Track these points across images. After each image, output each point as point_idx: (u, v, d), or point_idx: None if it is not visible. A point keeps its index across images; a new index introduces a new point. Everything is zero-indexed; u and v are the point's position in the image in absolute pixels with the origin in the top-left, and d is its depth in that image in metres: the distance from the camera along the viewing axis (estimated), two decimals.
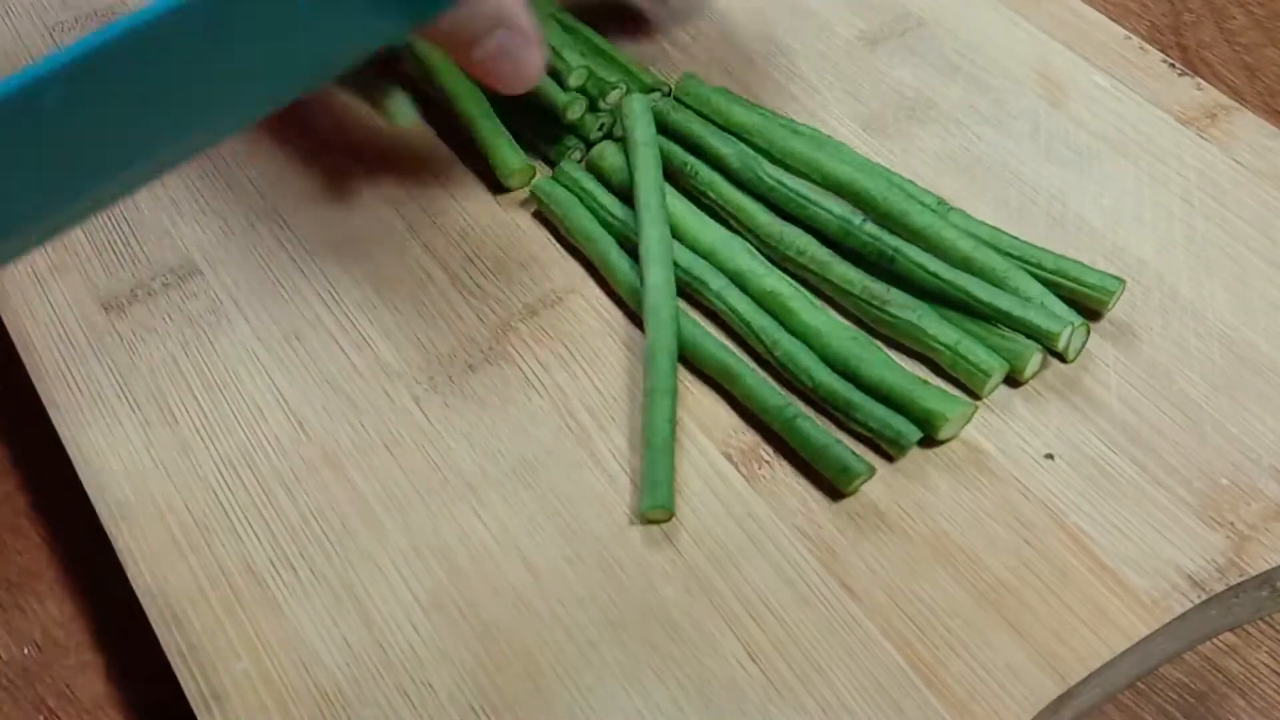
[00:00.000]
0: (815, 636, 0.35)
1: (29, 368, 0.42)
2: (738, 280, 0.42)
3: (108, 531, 0.38)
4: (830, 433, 0.38)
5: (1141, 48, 0.51)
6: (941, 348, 0.40)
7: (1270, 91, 0.53)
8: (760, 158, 0.45)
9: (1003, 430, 0.39)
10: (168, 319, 0.43)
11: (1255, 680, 0.37)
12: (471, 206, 0.46)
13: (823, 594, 0.36)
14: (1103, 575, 0.36)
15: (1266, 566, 0.36)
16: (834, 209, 0.43)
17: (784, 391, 0.40)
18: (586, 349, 0.42)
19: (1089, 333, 0.41)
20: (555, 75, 0.46)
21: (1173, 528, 0.37)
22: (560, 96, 0.46)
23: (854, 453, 0.38)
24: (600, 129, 0.47)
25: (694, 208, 0.44)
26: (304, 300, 0.43)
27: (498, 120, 0.46)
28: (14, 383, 0.42)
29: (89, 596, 0.39)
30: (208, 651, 0.35)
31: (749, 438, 0.39)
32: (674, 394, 0.39)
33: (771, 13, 0.53)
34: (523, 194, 0.46)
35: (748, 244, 0.43)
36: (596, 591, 0.36)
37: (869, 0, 0.53)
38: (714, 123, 0.46)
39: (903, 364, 0.40)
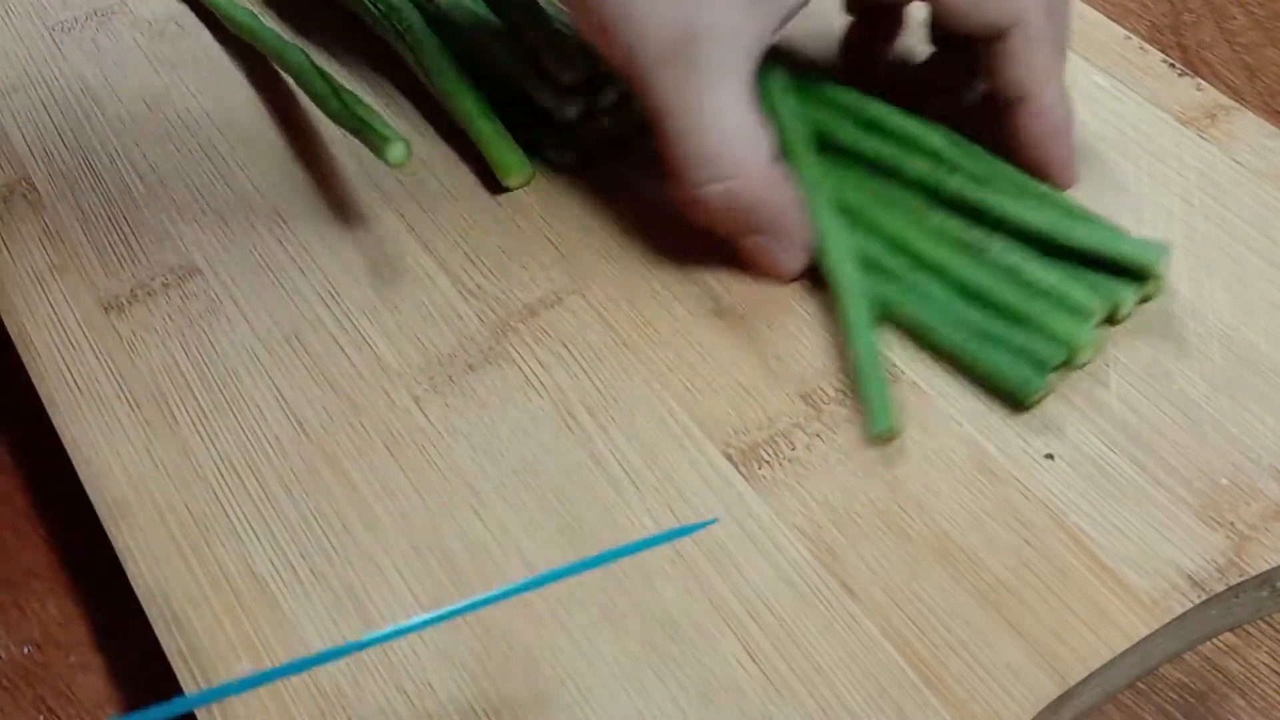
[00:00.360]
0: (815, 636, 0.35)
1: (29, 368, 0.42)
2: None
3: (108, 531, 0.38)
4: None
5: (1141, 48, 0.51)
6: (1045, 289, 0.41)
7: (1270, 91, 0.53)
8: (846, 121, 0.45)
9: (1003, 430, 0.39)
10: (168, 319, 0.43)
11: (1255, 680, 0.37)
12: (472, 206, 0.46)
13: (823, 594, 0.36)
14: (1103, 575, 0.36)
15: (1267, 566, 0.36)
16: (921, 164, 0.44)
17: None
18: (587, 349, 0.42)
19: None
20: (547, 74, 0.46)
21: (1173, 528, 0.37)
22: (550, 98, 0.46)
23: (1034, 358, 0.39)
24: (596, 133, 0.47)
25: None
26: (304, 300, 0.43)
27: (497, 120, 0.46)
28: (14, 383, 0.42)
29: (89, 596, 0.39)
30: (208, 651, 0.35)
31: (749, 438, 0.39)
32: (873, 327, 0.41)
33: None
34: (523, 194, 0.46)
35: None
36: (596, 591, 0.36)
37: None
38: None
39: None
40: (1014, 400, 0.39)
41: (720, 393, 0.40)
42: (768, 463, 0.39)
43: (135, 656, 0.37)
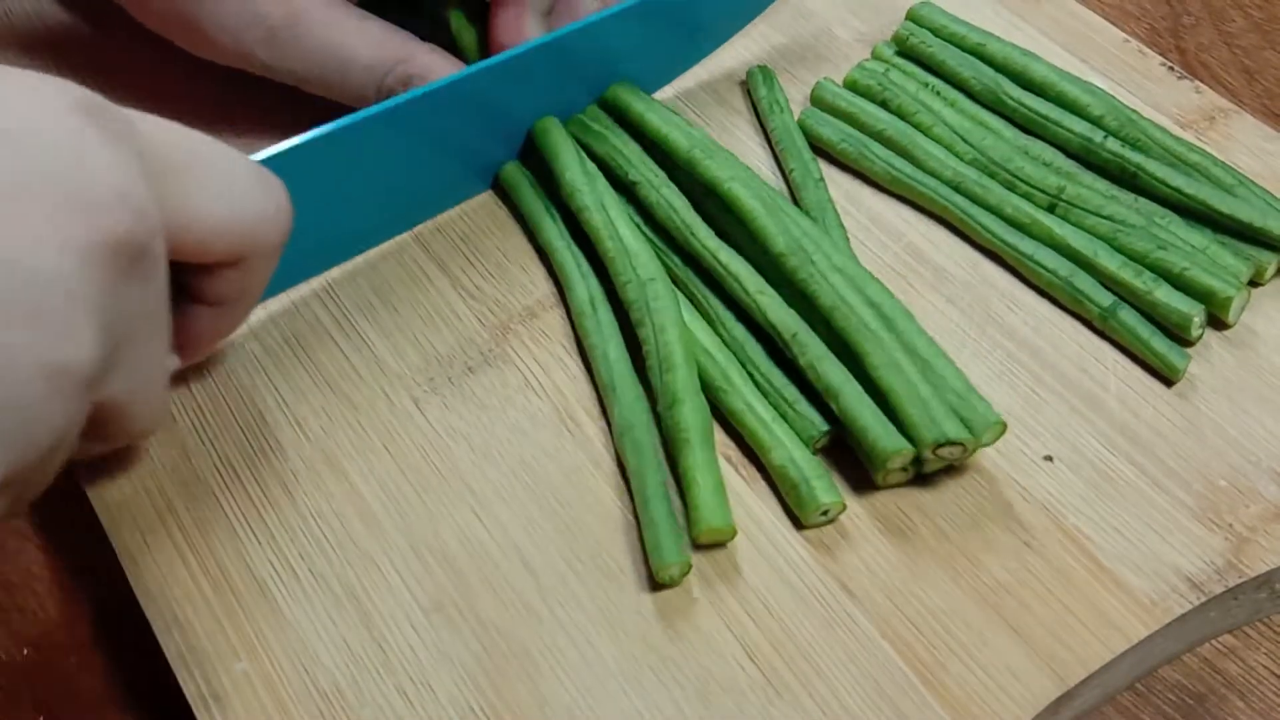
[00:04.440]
0: (815, 637, 0.35)
1: None
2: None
3: (108, 531, 0.38)
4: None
5: (1140, 51, 0.51)
6: (1192, 252, 0.42)
7: (1269, 94, 0.53)
8: (1001, 78, 0.47)
9: None
10: None
11: (1254, 682, 0.37)
12: (471, 208, 0.46)
13: (822, 594, 0.36)
14: (1102, 577, 0.36)
15: (1265, 568, 0.36)
16: (1076, 127, 0.45)
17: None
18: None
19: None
20: None
21: (1172, 529, 0.37)
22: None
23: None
24: None
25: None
26: (303, 301, 0.43)
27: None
28: None
29: (89, 596, 0.39)
30: (207, 652, 0.35)
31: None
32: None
33: (770, 13, 0.53)
34: None
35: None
36: (596, 591, 0.36)
37: (869, 2, 0.53)
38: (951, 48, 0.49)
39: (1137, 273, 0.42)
40: (1181, 332, 0.41)
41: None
42: None
43: (135, 656, 0.37)
